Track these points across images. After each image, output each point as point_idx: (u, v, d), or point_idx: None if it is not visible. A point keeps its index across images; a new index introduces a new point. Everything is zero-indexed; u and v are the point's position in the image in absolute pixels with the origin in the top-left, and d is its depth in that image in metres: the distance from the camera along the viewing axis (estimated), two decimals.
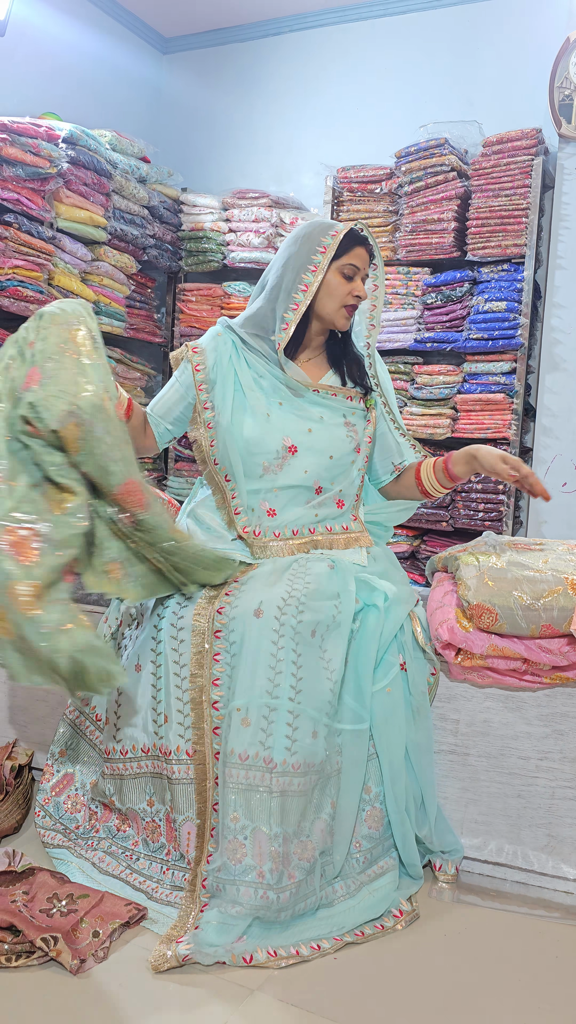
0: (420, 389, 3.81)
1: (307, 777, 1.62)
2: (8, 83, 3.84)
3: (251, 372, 1.96)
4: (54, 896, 1.59)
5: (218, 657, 1.68)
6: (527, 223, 3.58)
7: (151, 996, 1.42)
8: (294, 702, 1.63)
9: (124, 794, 1.78)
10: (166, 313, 4.54)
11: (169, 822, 1.71)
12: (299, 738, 1.62)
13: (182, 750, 1.68)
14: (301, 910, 1.59)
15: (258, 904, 1.55)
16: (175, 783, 1.68)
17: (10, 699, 2.18)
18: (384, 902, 1.65)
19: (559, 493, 3.65)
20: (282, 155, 4.50)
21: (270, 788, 1.59)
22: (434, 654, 1.82)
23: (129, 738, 1.76)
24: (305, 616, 1.68)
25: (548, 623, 1.68)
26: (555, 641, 1.69)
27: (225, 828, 1.60)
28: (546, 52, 3.69)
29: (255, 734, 1.62)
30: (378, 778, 1.73)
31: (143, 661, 1.75)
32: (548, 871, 1.76)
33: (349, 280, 1.94)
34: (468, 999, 1.44)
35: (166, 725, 1.70)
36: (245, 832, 1.59)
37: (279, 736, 1.61)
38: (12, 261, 3.34)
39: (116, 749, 1.77)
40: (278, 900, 1.56)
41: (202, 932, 1.53)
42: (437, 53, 4.10)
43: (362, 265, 1.96)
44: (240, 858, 1.58)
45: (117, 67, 4.50)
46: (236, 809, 1.59)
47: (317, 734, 1.64)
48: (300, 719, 1.63)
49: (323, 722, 1.65)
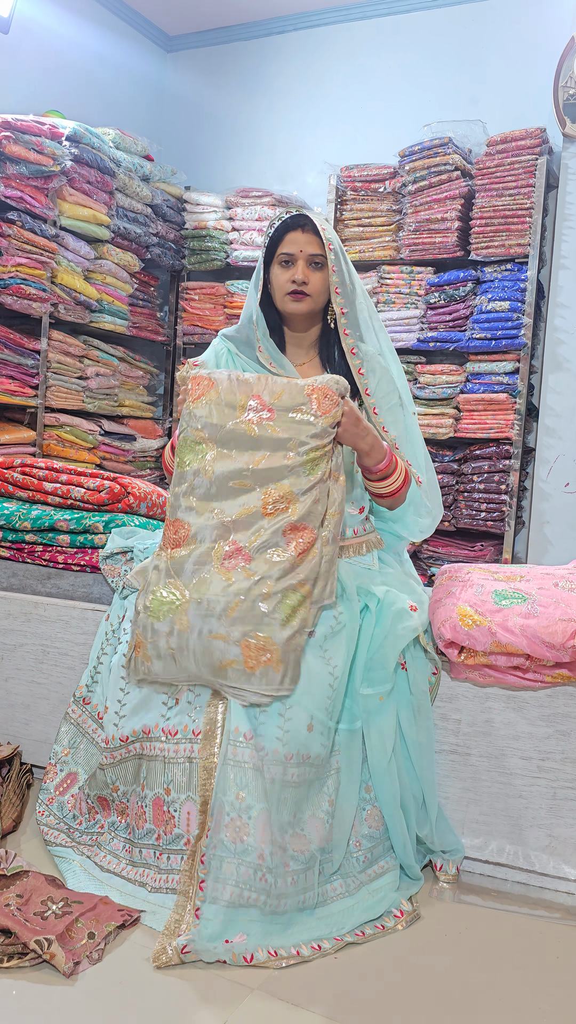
0: (423, 389, 3.81)
1: (301, 768, 1.62)
2: (12, 80, 3.84)
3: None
4: (48, 899, 1.59)
5: None
6: (531, 223, 3.57)
7: (149, 995, 1.41)
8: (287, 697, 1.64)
9: (123, 780, 1.77)
10: (169, 312, 4.54)
11: (159, 806, 1.70)
12: (291, 729, 1.62)
13: (188, 729, 1.68)
14: (301, 904, 1.59)
15: (258, 886, 1.55)
16: (174, 763, 1.67)
17: (12, 697, 2.18)
18: (384, 902, 1.65)
19: (562, 493, 3.64)
20: (286, 154, 4.50)
21: (261, 772, 1.60)
22: (436, 653, 1.82)
23: (130, 722, 1.76)
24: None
25: None
26: (558, 637, 1.69)
27: (229, 806, 1.59)
28: (551, 52, 3.68)
29: (252, 715, 1.64)
30: None
31: None
32: (549, 872, 1.75)
33: (286, 267, 1.88)
34: (469, 1000, 1.44)
35: (176, 707, 1.71)
36: (250, 812, 1.59)
37: (271, 726, 1.63)
38: (15, 259, 3.34)
39: (116, 737, 1.77)
40: (276, 885, 1.56)
41: (203, 927, 1.52)
42: (441, 52, 4.10)
43: (296, 250, 1.87)
44: (242, 837, 1.58)
45: (121, 65, 4.50)
46: (240, 788, 1.60)
47: (313, 728, 1.64)
48: (293, 710, 1.63)
49: (320, 718, 1.65)
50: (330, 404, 1.73)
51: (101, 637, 1.96)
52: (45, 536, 2.24)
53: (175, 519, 1.75)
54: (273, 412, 1.74)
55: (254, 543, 1.68)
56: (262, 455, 1.73)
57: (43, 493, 2.32)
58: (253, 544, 1.68)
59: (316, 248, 1.86)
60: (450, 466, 3.79)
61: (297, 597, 1.65)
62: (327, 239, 1.84)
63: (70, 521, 2.21)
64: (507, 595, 1.83)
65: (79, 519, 2.22)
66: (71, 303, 3.68)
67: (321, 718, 1.65)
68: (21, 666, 2.16)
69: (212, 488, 1.73)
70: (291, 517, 1.69)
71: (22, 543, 2.28)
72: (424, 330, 3.82)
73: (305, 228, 1.86)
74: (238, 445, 1.74)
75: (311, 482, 1.71)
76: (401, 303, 3.89)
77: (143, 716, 1.74)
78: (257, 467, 1.72)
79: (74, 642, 2.10)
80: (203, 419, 1.76)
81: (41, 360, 3.57)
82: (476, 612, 1.77)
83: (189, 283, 4.45)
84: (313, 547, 1.69)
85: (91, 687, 1.94)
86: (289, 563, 1.66)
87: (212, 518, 1.72)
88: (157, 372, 4.43)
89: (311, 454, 1.71)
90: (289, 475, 1.71)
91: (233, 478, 1.72)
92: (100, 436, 3.95)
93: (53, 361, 3.65)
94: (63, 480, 2.31)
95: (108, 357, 4.00)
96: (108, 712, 1.82)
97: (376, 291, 3.94)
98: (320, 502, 1.72)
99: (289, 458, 1.71)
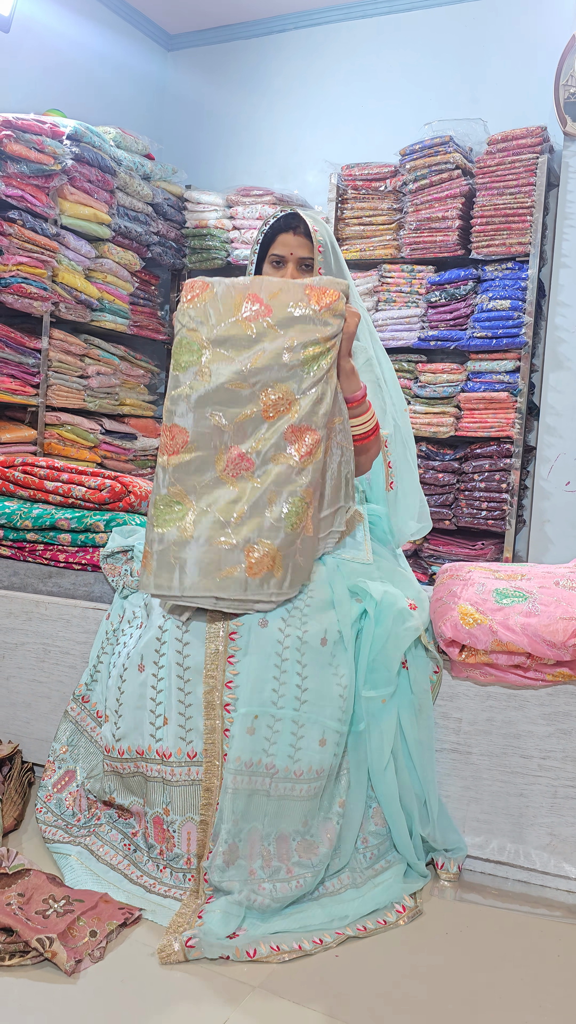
0: (424, 387, 3.81)
1: (313, 784, 1.63)
2: (13, 79, 3.84)
3: None
4: (50, 897, 1.59)
5: (232, 660, 1.68)
6: (531, 221, 3.57)
7: (151, 993, 1.41)
8: (299, 712, 1.64)
9: (123, 791, 1.78)
10: (170, 310, 4.54)
11: (159, 824, 1.70)
12: (303, 746, 1.63)
13: (183, 752, 1.67)
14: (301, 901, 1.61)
15: (258, 891, 1.57)
16: (174, 785, 1.67)
17: (13, 696, 2.18)
18: (388, 893, 1.66)
19: (563, 492, 3.64)
20: (286, 152, 4.50)
21: (268, 792, 1.61)
22: (437, 652, 1.82)
23: (126, 738, 1.75)
24: (310, 627, 1.68)
25: None
26: (559, 635, 1.69)
27: (225, 832, 1.61)
28: (551, 50, 3.68)
29: (258, 742, 1.63)
30: None
31: (146, 662, 1.75)
32: (550, 870, 1.75)
33: (277, 268, 1.89)
34: (469, 997, 1.44)
35: (165, 727, 1.70)
36: (241, 835, 1.61)
37: (283, 745, 1.63)
38: (16, 258, 3.34)
39: (115, 748, 1.77)
40: (276, 889, 1.57)
41: (207, 923, 1.53)
42: (442, 51, 4.09)
43: (287, 253, 1.87)
44: (234, 859, 1.60)
45: (121, 64, 4.49)
46: (235, 814, 1.61)
47: (326, 742, 1.64)
48: (306, 728, 1.64)
49: (334, 728, 1.66)
50: (329, 299, 1.68)
51: (101, 636, 1.96)
52: (46, 535, 2.24)
53: (171, 424, 1.67)
54: (271, 309, 1.68)
55: (256, 449, 1.64)
56: (258, 352, 1.66)
57: (44, 492, 2.32)
58: (256, 450, 1.64)
59: (307, 251, 1.87)
60: (451, 465, 3.79)
61: (301, 501, 1.62)
62: (317, 241, 1.84)
63: (71, 520, 2.22)
64: (508, 594, 1.83)
65: (80, 518, 2.22)
66: (72, 302, 3.68)
67: (334, 726, 1.66)
68: (22, 665, 2.16)
69: (210, 390, 1.66)
70: (291, 419, 1.64)
71: (23, 542, 2.28)
72: (425, 329, 3.82)
73: (297, 230, 1.87)
74: (235, 345, 1.68)
75: (312, 380, 1.66)
76: (402, 302, 3.89)
77: (135, 738, 1.74)
78: (255, 366, 1.66)
79: (75, 641, 2.10)
80: (197, 319, 1.69)
81: (42, 359, 3.57)
82: (477, 611, 1.77)
83: None
84: (318, 448, 1.65)
85: (90, 685, 1.94)
86: (295, 467, 1.62)
87: (209, 423, 1.66)
88: (158, 371, 4.43)
89: (312, 349, 1.66)
90: (289, 376, 1.66)
91: (231, 380, 1.66)
92: (101, 435, 3.96)
93: (54, 360, 3.65)
94: (64, 479, 2.31)
95: (109, 356, 4.00)
96: (107, 721, 1.82)
97: (377, 290, 3.94)
98: (322, 402, 1.67)
99: (289, 355, 1.65)
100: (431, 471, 3.80)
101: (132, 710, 1.75)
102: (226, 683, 1.67)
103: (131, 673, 1.77)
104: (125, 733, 1.75)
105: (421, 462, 3.85)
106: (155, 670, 1.73)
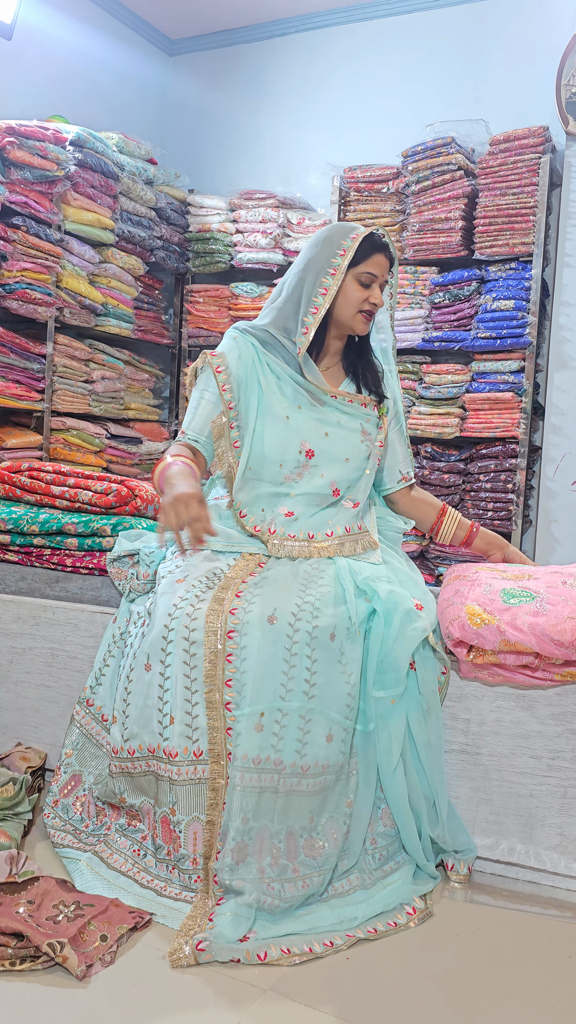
0: (428, 388, 3.81)
1: (318, 779, 1.63)
2: (15, 86, 3.86)
3: (273, 376, 1.99)
4: (60, 903, 1.59)
5: (231, 658, 1.68)
6: (534, 221, 3.57)
7: (162, 997, 1.41)
8: (307, 706, 1.64)
9: (133, 791, 1.78)
10: (174, 314, 4.55)
11: (166, 824, 1.70)
12: (310, 741, 1.63)
13: (189, 751, 1.68)
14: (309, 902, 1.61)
15: (267, 891, 1.57)
16: (179, 784, 1.67)
17: (22, 700, 2.18)
18: (398, 894, 1.66)
19: (569, 492, 3.64)
20: (288, 156, 4.51)
21: (277, 788, 1.62)
22: (444, 653, 1.81)
23: (135, 737, 1.76)
24: (321, 621, 1.69)
25: None
26: (567, 635, 1.68)
27: (234, 831, 1.60)
28: (553, 50, 3.68)
29: (266, 738, 1.63)
30: None
31: (152, 661, 1.75)
32: (560, 871, 1.75)
33: (365, 287, 1.95)
34: (480, 999, 1.44)
35: (171, 727, 1.70)
36: (251, 833, 1.61)
37: (290, 739, 1.63)
38: (20, 264, 3.35)
39: (124, 748, 1.77)
40: (284, 889, 1.57)
41: (217, 926, 1.53)
42: (443, 52, 4.10)
43: (380, 273, 1.96)
44: (244, 857, 1.60)
45: (123, 69, 4.51)
46: (245, 812, 1.61)
47: (332, 737, 1.64)
48: (313, 723, 1.64)
49: (341, 724, 1.66)
50: None
51: (108, 640, 1.96)
52: (53, 539, 2.25)
53: None
54: None
55: None
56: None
57: (51, 496, 2.33)
58: None
59: (386, 275, 2.00)
60: (456, 465, 3.79)
61: None
62: (393, 271, 2.02)
63: (78, 524, 2.22)
64: (515, 594, 1.83)
65: (87, 522, 2.22)
66: (76, 307, 3.69)
67: (340, 721, 1.66)
68: (30, 669, 2.17)
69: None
70: None
71: (30, 547, 2.28)
72: (429, 330, 3.83)
73: (386, 253, 1.97)
74: None
75: None
76: (406, 303, 3.90)
77: (144, 737, 1.74)
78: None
79: (83, 645, 2.10)
80: None
81: (47, 364, 3.58)
82: (485, 611, 1.76)
83: (194, 286, 4.46)
84: None
85: (95, 689, 1.94)
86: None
87: None
88: (163, 375, 4.43)
89: None
90: None
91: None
92: (106, 439, 3.96)
93: (59, 365, 3.66)
94: (70, 483, 2.32)
95: (114, 360, 4.01)
96: (115, 723, 1.82)
97: None
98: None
99: None
100: (436, 472, 3.80)
101: (140, 709, 1.75)
102: (226, 682, 1.67)
103: (138, 673, 1.77)
104: (134, 733, 1.75)
105: (426, 463, 3.85)
106: (162, 669, 1.74)
